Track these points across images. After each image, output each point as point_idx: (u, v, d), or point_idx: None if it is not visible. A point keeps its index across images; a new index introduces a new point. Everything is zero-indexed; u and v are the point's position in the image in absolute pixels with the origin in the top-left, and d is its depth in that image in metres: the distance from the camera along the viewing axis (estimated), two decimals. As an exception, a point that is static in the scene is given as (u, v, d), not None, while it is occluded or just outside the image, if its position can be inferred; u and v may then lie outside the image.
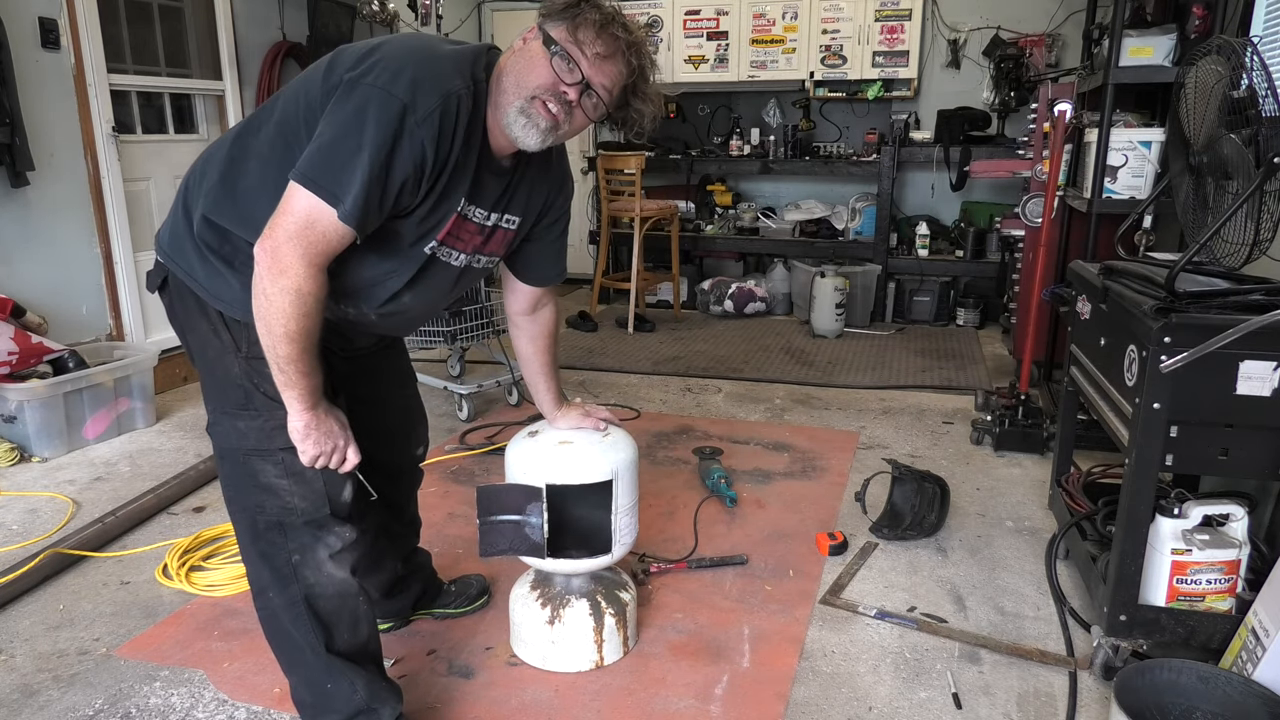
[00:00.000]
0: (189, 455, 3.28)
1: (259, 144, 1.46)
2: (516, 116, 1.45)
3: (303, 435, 1.46)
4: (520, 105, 1.44)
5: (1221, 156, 1.92)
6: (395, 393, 1.94)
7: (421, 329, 3.62)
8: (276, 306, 1.35)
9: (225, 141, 1.52)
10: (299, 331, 1.37)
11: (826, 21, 5.85)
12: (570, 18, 1.43)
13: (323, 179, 1.33)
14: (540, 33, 1.45)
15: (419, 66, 1.38)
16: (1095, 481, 2.56)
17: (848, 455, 3.31)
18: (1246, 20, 2.98)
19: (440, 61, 1.41)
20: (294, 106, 1.44)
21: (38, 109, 3.51)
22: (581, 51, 1.42)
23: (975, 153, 5.43)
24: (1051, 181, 3.32)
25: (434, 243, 1.52)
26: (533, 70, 1.44)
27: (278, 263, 1.33)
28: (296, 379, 1.41)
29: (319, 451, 1.48)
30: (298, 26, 4.91)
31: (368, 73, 1.36)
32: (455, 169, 1.44)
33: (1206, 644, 1.86)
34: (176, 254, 1.52)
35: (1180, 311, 1.72)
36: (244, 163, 1.47)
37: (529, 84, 1.44)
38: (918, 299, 5.74)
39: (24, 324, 3.28)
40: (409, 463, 2.02)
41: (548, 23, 1.45)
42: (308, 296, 1.36)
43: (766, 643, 2.09)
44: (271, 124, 1.46)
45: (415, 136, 1.35)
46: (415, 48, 1.43)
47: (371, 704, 1.64)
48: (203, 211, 1.47)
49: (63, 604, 2.27)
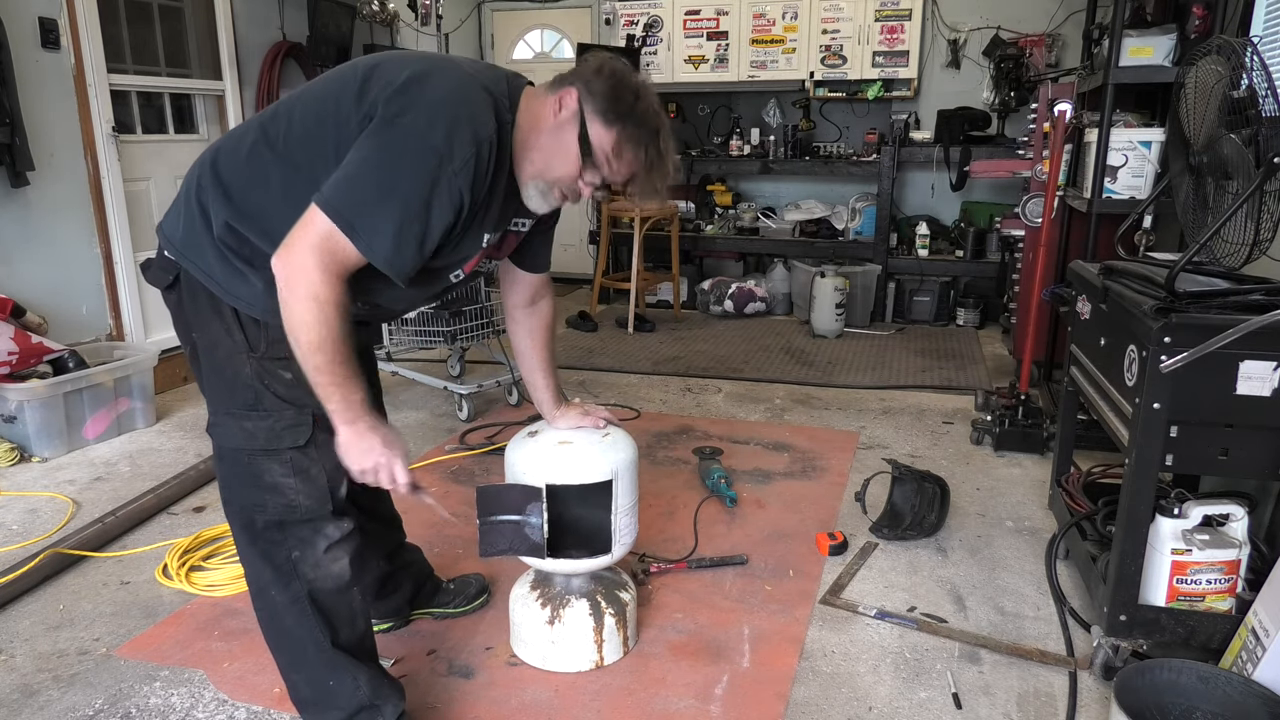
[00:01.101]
0: (189, 455, 3.28)
1: (282, 156, 1.45)
2: (534, 193, 1.55)
3: (345, 449, 1.45)
4: (541, 187, 1.54)
5: (1221, 156, 1.92)
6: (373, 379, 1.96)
7: (421, 329, 3.62)
8: (298, 316, 1.35)
9: (240, 145, 1.49)
10: (323, 339, 1.36)
11: (826, 21, 5.85)
12: (612, 121, 1.46)
13: (345, 211, 1.34)
14: (578, 120, 1.46)
15: (454, 109, 1.39)
16: (1095, 481, 2.56)
17: (848, 455, 3.31)
18: (1246, 20, 2.98)
19: (474, 103, 1.41)
20: (322, 125, 1.43)
21: (38, 109, 3.51)
22: (612, 167, 1.49)
23: (975, 153, 5.43)
24: (1051, 181, 3.32)
25: (460, 271, 1.58)
26: (561, 163, 1.49)
27: (295, 273, 1.34)
28: (330, 389, 1.40)
29: (360, 468, 1.47)
30: (298, 26, 4.91)
31: (403, 112, 1.37)
32: (481, 209, 1.47)
33: (1206, 644, 1.86)
34: (191, 252, 1.50)
35: (1180, 311, 1.72)
36: (266, 174, 1.45)
37: (554, 173, 1.51)
38: (918, 299, 5.74)
39: (24, 324, 3.28)
40: None
41: (589, 107, 1.46)
42: (327, 304, 1.36)
43: (766, 643, 2.09)
44: (295, 137, 1.44)
45: (454, 185, 1.37)
46: (450, 84, 1.42)
47: (374, 699, 1.64)
48: (226, 219, 1.46)
49: (63, 604, 2.27)
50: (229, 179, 1.47)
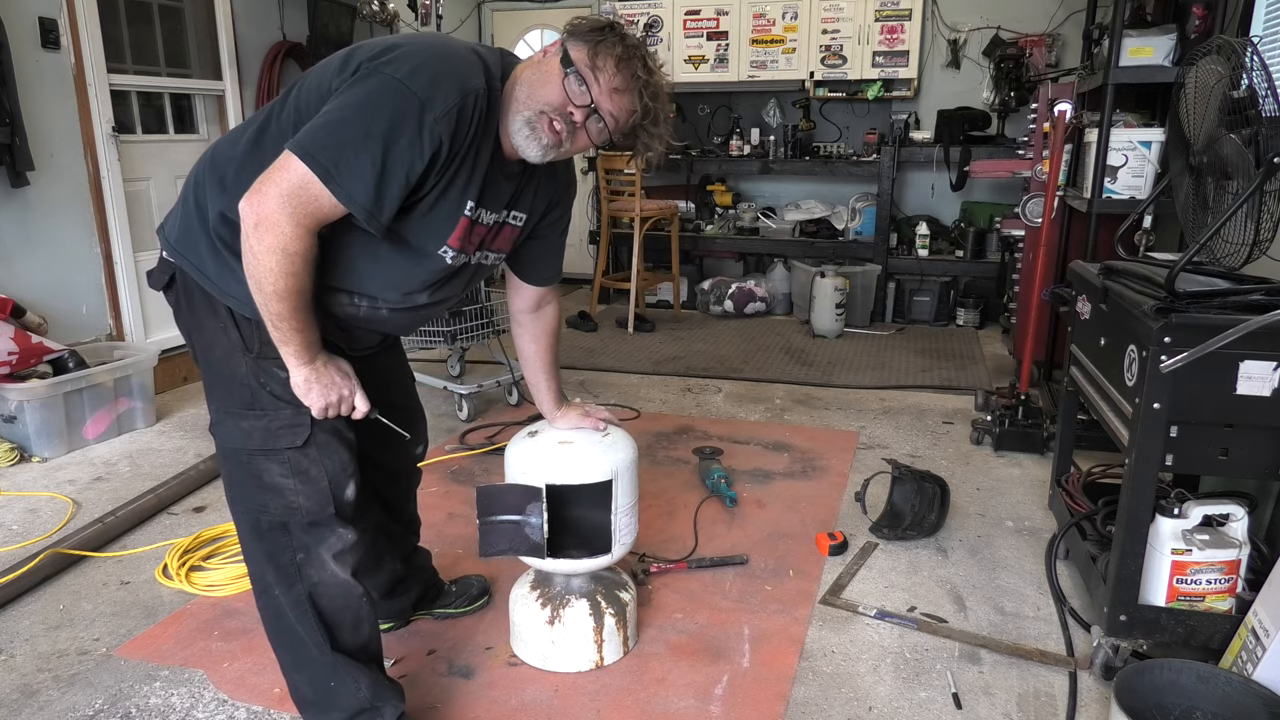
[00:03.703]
0: (189, 455, 3.28)
1: (275, 139, 1.45)
2: (521, 126, 1.47)
3: (305, 389, 1.47)
4: (527, 117, 1.46)
5: (1221, 156, 1.92)
6: (395, 392, 1.94)
7: (421, 329, 3.62)
8: (264, 265, 1.35)
9: (239, 138, 1.50)
10: (288, 290, 1.37)
11: (826, 21, 5.85)
12: (593, 42, 1.43)
13: (320, 155, 1.32)
14: (560, 49, 1.46)
15: (439, 63, 1.38)
16: (1095, 481, 2.56)
17: (848, 455, 3.31)
18: (1246, 20, 2.98)
19: (460, 62, 1.41)
20: (308, 100, 1.43)
21: (38, 109, 3.51)
22: (596, 78, 1.44)
23: (975, 153, 5.44)
24: (1051, 181, 3.32)
25: (445, 246, 1.53)
26: (545, 86, 1.45)
27: (264, 220, 1.33)
28: (290, 334, 1.41)
29: (325, 403, 1.49)
30: (298, 26, 4.91)
31: (387, 64, 1.36)
32: (462, 167, 1.44)
33: (1206, 644, 1.87)
34: (186, 249, 1.51)
35: (1180, 311, 1.72)
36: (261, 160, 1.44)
37: (539, 99, 1.46)
38: (918, 299, 5.74)
39: (24, 324, 3.28)
40: (409, 462, 2.02)
41: (570, 41, 1.46)
42: (295, 256, 1.35)
43: (766, 643, 2.09)
44: (287, 120, 1.45)
45: (433, 133, 1.35)
46: (436, 45, 1.43)
47: (375, 702, 1.64)
48: (220, 208, 1.46)
49: (63, 604, 2.27)
50: (224, 169, 1.48)
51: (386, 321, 1.64)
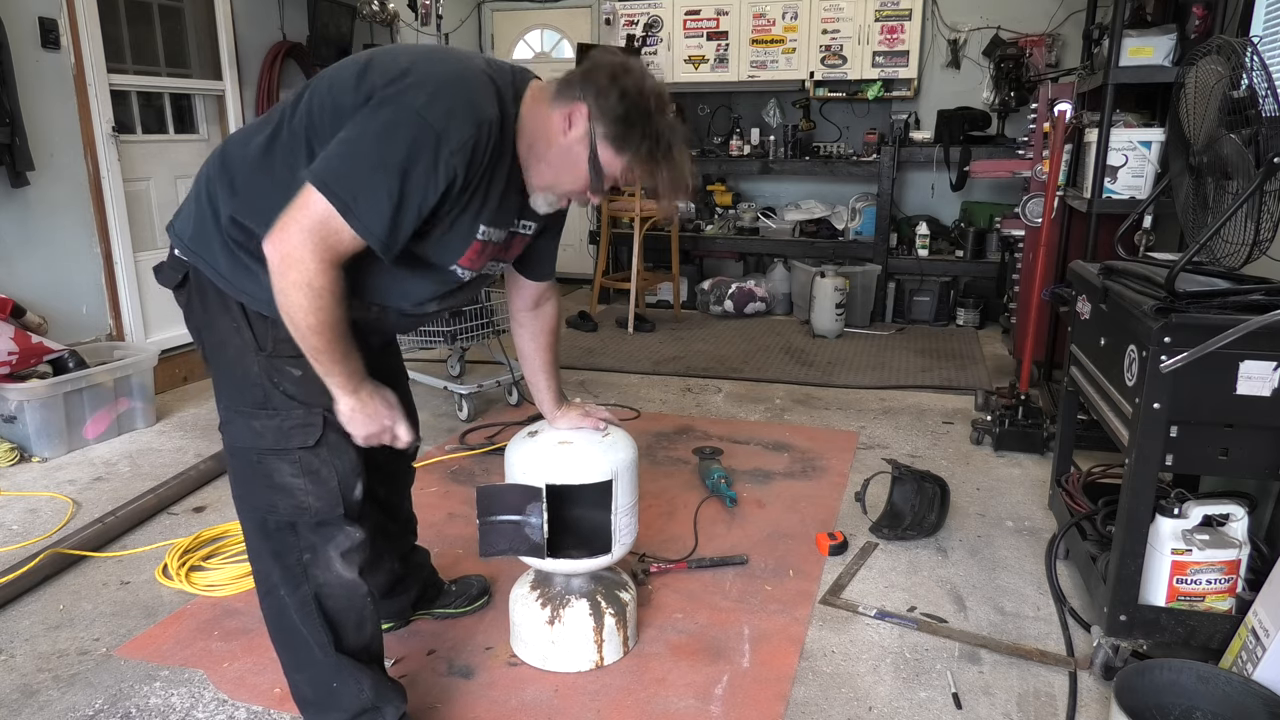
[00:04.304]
0: (189, 455, 3.28)
1: (286, 147, 1.45)
2: (542, 200, 1.56)
3: (349, 418, 1.48)
4: (549, 198, 1.56)
5: (1221, 156, 1.92)
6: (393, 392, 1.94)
7: (421, 329, 3.62)
8: (294, 301, 1.35)
9: (250, 140, 1.49)
10: (320, 324, 1.37)
11: (826, 21, 5.85)
12: (623, 149, 1.44)
13: (337, 186, 1.33)
14: (588, 145, 1.44)
15: (454, 91, 1.38)
16: (1095, 481, 2.56)
17: (848, 455, 3.31)
18: (1246, 20, 2.98)
19: (474, 90, 1.40)
20: (322, 114, 1.42)
21: (38, 109, 3.51)
22: (621, 178, 1.49)
23: (975, 153, 5.44)
24: (1051, 181, 3.32)
25: (457, 265, 1.55)
26: (570, 172, 1.49)
27: (288, 257, 1.33)
28: (331, 366, 1.42)
29: (368, 432, 1.50)
30: (298, 26, 4.91)
31: (403, 91, 1.36)
32: (475, 195, 1.45)
33: (1206, 644, 1.87)
34: (200, 248, 1.50)
35: (1180, 311, 1.72)
36: (271, 167, 1.45)
37: (564, 185, 1.52)
38: (918, 299, 5.74)
39: (24, 324, 3.28)
40: (404, 461, 2.02)
41: (600, 131, 1.43)
42: (322, 291, 1.35)
43: (766, 643, 2.09)
44: (300, 128, 1.44)
45: (449, 165, 1.36)
46: (451, 68, 1.42)
47: (377, 702, 1.64)
48: (230, 212, 1.46)
49: (63, 604, 2.27)
50: (235, 172, 1.48)
51: (393, 325, 1.65)
